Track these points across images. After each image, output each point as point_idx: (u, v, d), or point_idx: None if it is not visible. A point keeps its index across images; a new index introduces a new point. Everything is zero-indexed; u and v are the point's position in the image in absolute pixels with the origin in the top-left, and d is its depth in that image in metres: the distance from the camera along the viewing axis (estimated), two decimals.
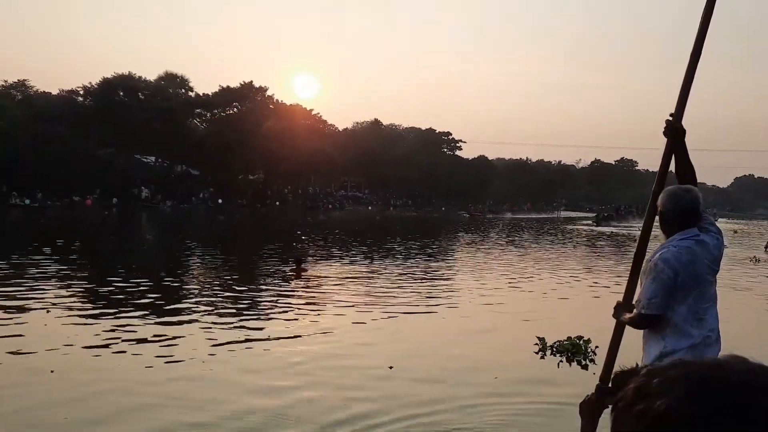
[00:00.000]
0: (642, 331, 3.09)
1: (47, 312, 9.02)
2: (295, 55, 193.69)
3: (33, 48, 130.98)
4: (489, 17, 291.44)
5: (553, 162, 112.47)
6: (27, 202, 45.65)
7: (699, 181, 3.29)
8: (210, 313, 9.45)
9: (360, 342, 8.04)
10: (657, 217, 3.12)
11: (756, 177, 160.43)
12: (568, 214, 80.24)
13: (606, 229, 42.55)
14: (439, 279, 14.62)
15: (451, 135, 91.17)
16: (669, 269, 2.91)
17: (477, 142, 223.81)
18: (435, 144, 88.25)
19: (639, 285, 3.06)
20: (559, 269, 17.49)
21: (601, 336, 2.84)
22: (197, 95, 62.16)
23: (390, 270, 15.76)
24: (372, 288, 12.69)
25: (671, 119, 3.05)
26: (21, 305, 9.47)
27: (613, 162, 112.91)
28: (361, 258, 18.38)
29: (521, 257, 21.21)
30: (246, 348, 7.48)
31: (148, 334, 7.99)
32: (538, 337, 7.79)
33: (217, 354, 7.15)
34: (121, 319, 8.80)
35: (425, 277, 14.60)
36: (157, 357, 6.94)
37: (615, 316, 2.98)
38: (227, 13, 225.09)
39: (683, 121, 3.08)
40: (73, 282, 12.30)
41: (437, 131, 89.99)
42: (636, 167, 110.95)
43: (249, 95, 64.18)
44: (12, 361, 6.60)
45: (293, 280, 13.34)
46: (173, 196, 56.75)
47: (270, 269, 15.21)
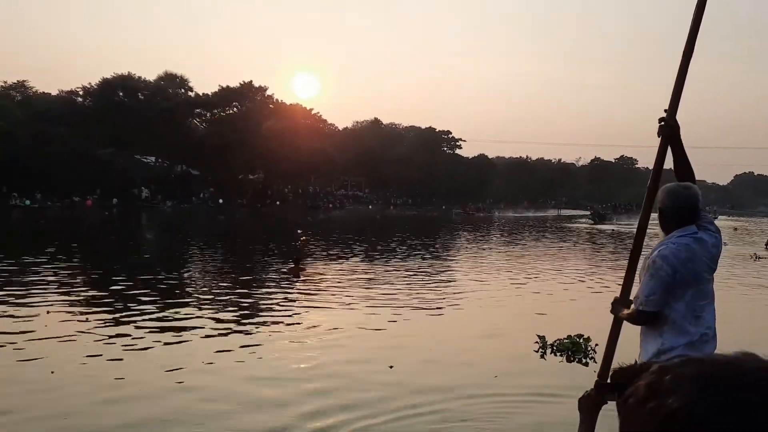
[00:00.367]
0: (639, 328, 3.09)
1: (47, 313, 9.02)
2: (295, 55, 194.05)
3: (32, 48, 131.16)
4: (489, 16, 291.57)
5: (553, 160, 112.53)
6: (27, 202, 45.69)
7: (699, 179, 3.28)
8: (210, 314, 9.45)
9: (359, 341, 8.03)
10: (656, 215, 3.12)
11: (756, 174, 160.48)
12: (569, 212, 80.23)
13: (607, 227, 42.53)
14: (439, 278, 14.62)
15: (451, 134, 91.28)
16: (667, 266, 2.91)
17: (477, 140, 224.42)
18: (435, 143, 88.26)
19: (637, 282, 3.06)
20: (559, 267, 17.48)
21: (602, 334, 2.83)
22: (197, 95, 62.23)
23: (389, 269, 15.76)
24: (371, 288, 12.68)
25: (665, 116, 3.02)
26: (21, 306, 9.47)
27: (613, 160, 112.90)
28: (361, 257, 18.38)
29: (520, 256, 21.20)
30: (246, 348, 7.47)
31: (148, 334, 8.00)
32: (538, 336, 7.78)
33: (217, 354, 7.15)
34: (121, 320, 8.80)
35: (424, 276, 14.59)
36: (157, 358, 6.95)
37: (612, 312, 2.98)
38: (227, 13, 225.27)
39: (678, 117, 3.06)
40: (73, 283, 12.30)
41: (437, 130, 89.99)
42: (636, 165, 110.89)
43: (249, 95, 64.21)
44: (12, 362, 6.60)
45: (292, 279, 13.34)
46: (173, 196, 56.77)
47: (269, 269, 15.20)
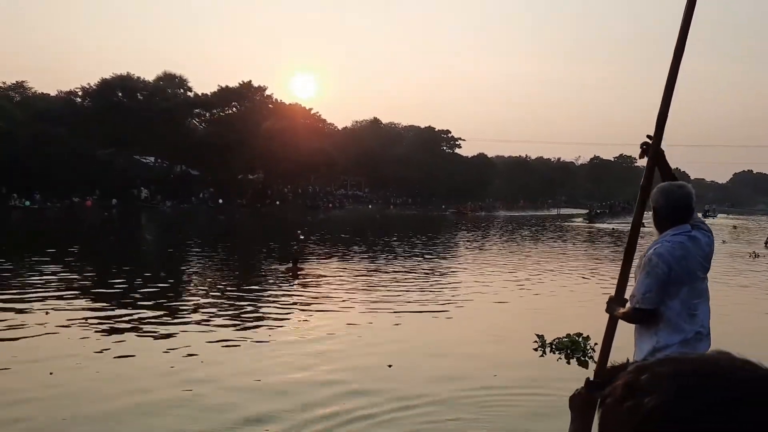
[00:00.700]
0: (633, 327, 3.10)
1: (46, 314, 9.02)
2: (294, 55, 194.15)
3: (31, 49, 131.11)
4: (487, 16, 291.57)
5: (553, 159, 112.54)
6: (27, 203, 45.68)
7: (698, 177, 3.31)
8: (209, 315, 9.46)
9: (357, 341, 8.04)
10: (650, 213, 3.13)
11: (755, 172, 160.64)
12: (569, 211, 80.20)
13: (607, 226, 42.51)
14: (436, 277, 14.62)
15: (451, 133, 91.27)
16: (663, 264, 2.93)
17: (476, 140, 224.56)
18: (434, 142, 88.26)
19: (632, 283, 3.07)
20: (558, 266, 17.49)
21: (601, 333, 2.85)
22: (196, 95, 62.15)
23: (388, 269, 15.76)
24: (370, 287, 12.69)
25: (651, 144, 2.90)
26: (20, 307, 9.46)
27: (613, 159, 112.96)
28: (360, 257, 18.38)
29: (518, 255, 21.21)
30: (245, 348, 7.48)
31: (147, 336, 8.01)
32: (537, 335, 7.79)
33: (216, 355, 7.16)
34: (121, 322, 8.81)
35: (422, 276, 14.60)
36: (157, 359, 6.95)
37: (608, 311, 2.98)
38: (226, 13, 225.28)
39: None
40: (73, 284, 12.29)
41: (436, 129, 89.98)
42: (635, 164, 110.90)
43: (248, 95, 64.16)
44: (11, 363, 6.61)
45: (290, 279, 13.34)
46: (173, 196, 56.72)
47: (268, 269, 15.20)
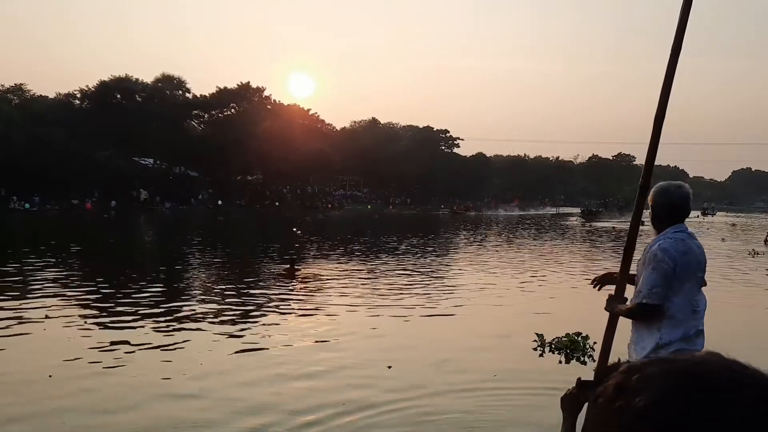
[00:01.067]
0: (632, 326, 3.12)
1: (46, 317, 9.00)
2: (292, 55, 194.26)
3: (29, 51, 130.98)
4: (486, 15, 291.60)
5: (551, 158, 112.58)
6: (26, 206, 45.65)
7: (697, 175, 3.34)
8: (208, 316, 9.44)
9: (356, 341, 8.03)
10: (648, 212, 3.14)
11: (753, 170, 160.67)
12: (568, 209, 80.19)
13: (606, 225, 42.51)
14: (435, 277, 14.62)
15: (449, 132, 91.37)
16: (669, 259, 2.96)
17: (474, 139, 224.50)
18: (433, 142, 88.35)
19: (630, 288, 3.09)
20: (557, 265, 17.49)
21: (600, 332, 2.84)
22: (194, 96, 62.21)
23: (387, 269, 15.76)
24: (369, 287, 12.68)
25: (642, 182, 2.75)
26: (19, 309, 9.45)
27: (611, 157, 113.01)
28: (358, 257, 18.37)
29: (517, 254, 21.21)
30: (244, 349, 7.47)
31: (146, 338, 7.98)
32: (536, 334, 7.78)
33: (216, 355, 7.15)
34: (120, 324, 8.79)
35: (421, 276, 14.59)
36: (156, 360, 6.94)
37: (607, 309, 2.97)
38: (224, 15, 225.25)
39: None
40: (72, 286, 12.28)
41: (434, 129, 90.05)
42: (634, 162, 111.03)
43: (246, 96, 64.21)
44: (10, 366, 6.60)
45: (288, 281, 13.32)
46: (172, 197, 56.71)
47: (267, 270, 15.19)
